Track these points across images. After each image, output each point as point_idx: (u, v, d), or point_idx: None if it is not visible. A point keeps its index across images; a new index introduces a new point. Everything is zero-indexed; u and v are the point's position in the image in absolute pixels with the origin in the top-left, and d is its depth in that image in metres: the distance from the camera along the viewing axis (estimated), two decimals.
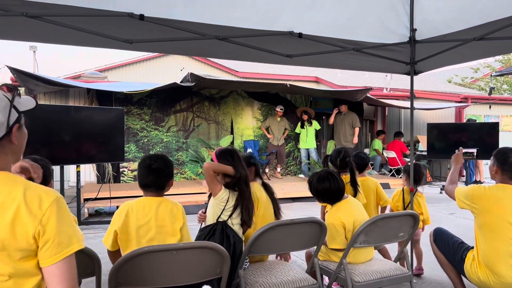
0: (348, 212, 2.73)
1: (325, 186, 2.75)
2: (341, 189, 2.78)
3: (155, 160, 2.25)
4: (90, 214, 6.69)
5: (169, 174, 2.27)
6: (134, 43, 2.82)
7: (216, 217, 2.47)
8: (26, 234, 1.18)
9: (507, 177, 2.66)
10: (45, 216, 1.20)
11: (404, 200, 3.76)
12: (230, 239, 2.36)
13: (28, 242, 1.19)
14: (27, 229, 1.18)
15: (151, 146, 9.16)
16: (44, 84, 7.30)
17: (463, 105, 12.18)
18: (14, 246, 1.18)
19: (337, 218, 2.70)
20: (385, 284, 2.67)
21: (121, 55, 44.44)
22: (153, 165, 2.22)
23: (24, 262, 1.20)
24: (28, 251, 1.20)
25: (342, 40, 3.26)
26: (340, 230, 2.68)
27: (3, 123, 1.22)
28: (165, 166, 2.26)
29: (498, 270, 2.58)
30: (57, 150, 4.97)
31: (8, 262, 1.18)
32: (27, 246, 1.19)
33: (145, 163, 2.25)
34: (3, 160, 1.25)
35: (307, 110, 10.04)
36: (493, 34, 2.91)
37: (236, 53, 3.41)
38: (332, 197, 2.79)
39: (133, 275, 1.81)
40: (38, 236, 1.19)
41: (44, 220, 1.20)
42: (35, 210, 1.19)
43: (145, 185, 2.23)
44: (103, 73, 12.68)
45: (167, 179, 2.27)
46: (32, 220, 1.18)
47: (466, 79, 21.02)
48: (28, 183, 1.25)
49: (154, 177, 2.21)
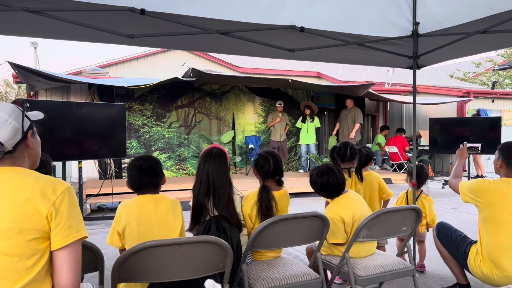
0: (347, 206, 2.72)
1: (324, 180, 2.74)
2: (340, 184, 2.75)
3: (144, 160, 2.26)
4: (93, 210, 6.71)
5: (160, 171, 2.29)
6: (135, 38, 2.81)
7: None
8: (39, 215, 1.30)
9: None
10: (58, 199, 1.34)
11: (408, 202, 3.74)
12: (226, 232, 2.33)
13: (41, 223, 1.30)
14: (40, 210, 1.30)
15: (153, 142, 9.16)
16: (45, 80, 7.30)
17: (465, 100, 12.13)
18: (27, 226, 1.28)
19: (336, 212, 2.69)
20: (387, 278, 2.67)
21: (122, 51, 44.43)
22: (144, 165, 2.23)
23: (36, 244, 1.30)
24: (40, 232, 1.31)
25: (344, 34, 3.24)
26: (339, 224, 2.67)
27: (19, 129, 1.41)
28: (155, 163, 2.28)
29: (502, 264, 2.58)
30: (59, 146, 4.96)
31: (21, 243, 1.28)
32: (40, 227, 1.30)
33: (135, 165, 2.25)
34: (21, 162, 1.43)
35: (310, 105, 10.02)
36: (496, 27, 2.89)
37: (237, 48, 3.40)
38: (330, 192, 2.77)
39: (136, 269, 1.81)
40: (51, 217, 1.32)
41: (57, 203, 1.33)
42: (49, 194, 1.33)
43: (141, 186, 2.22)
44: (104, 69, 12.66)
45: (159, 177, 2.28)
46: (46, 203, 1.31)
47: (468, 74, 20.93)
48: (41, 174, 1.39)
49: (148, 176, 2.22)
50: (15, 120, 1.40)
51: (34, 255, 1.30)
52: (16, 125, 1.39)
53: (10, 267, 1.26)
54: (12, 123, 1.39)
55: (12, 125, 1.39)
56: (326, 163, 2.88)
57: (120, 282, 1.83)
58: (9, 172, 1.36)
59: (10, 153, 1.39)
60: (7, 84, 25.37)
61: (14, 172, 1.37)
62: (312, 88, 10.33)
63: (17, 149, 1.41)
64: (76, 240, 1.34)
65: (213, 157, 2.44)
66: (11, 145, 1.38)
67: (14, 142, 1.39)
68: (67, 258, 1.33)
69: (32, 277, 1.29)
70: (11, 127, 1.38)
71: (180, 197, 6.90)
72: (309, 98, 10.71)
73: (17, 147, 1.41)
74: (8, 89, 25.55)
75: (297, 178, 8.98)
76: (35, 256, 1.30)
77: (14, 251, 1.27)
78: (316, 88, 10.20)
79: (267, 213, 2.53)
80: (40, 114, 1.54)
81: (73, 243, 1.34)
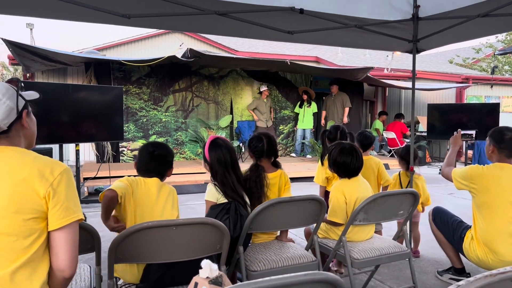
0: (353, 188, 2.72)
1: (347, 160, 2.72)
2: (359, 168, 2.75)
3: (158, 147, 2.25)
4: (90, 193, 6.71)
5: (170, 162, 2.28)
6: (132, 18, 2.77)
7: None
8: (36, 195, 1.30)
9: (504, 155, 2.65)
10: (56, 180, 1.34)
11: (401, 183, 3.76)
12: (243, 220, 2.33)
13: (38, 203, 1.30)
14: (37, 191, 1.30)
15: (150, 126, 9.12)
16: (41, 60, 7.19)
17: (464, 86, 12.10)
18: (25, 206, 1.29)
19: (341, 191, 2.70)
20: (384, 261, 2.68)
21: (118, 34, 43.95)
22: (156, 152, 2.22)
23: (33, 224, 1.30)
24: (38, 212, 1.31)
25: (344, 16, 3.20)
26: (342, 204, 2.68)
27: (13, 108, 1.39)
28: (167, 153, 2.27)
29: (497, 249, 2.60)
30: (56, 129, 4.93)
31: (19, 222, 1.28)
32: (37, 207, 1.30)
33: (147, 149, 2.23)
34: (17, 142, 1.42)
35: (308, 90, 9.98)
36: (497, 10, 2.86)
37: (236, 30, 3.35)
38: (348, 172, 2.75)
39: (133, 250, 1.81)
40: (49, 197, 1.32)
41: (55, 184, 1.33)
42: (47, 175, 1.33)
43: (146, 171, 2.21)
44: (101, 51, 12.54)
45: (167, 168, 2.27)
46: (44, 183, 1.31)
47: (467, 60, 20.84)
48: (38, 155, 1.39)
49: (156, 163, 2.21)
50: (9, 100, 1.38)
51: (31, 235, 1.30)
52: (10, 104, 1.38)
53: (7, 246, 1.26)
54: (6, 103, 1.37)
55: (6, 104, 1.37)
56: (350, 142, 2.86)
57: (116, 262, 1.83)
58: (6, 151, 1.35)
59: (5, 133, 1.38)
60: (3, 67, 25.14)
61: (12, 152, 1.35)
62: (311, 72, 10.25)
63: (12, 129, 1.39)
64: (73, 221, 1.35)
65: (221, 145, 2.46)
66: (6, 124, 1.37)
67: (8, 122, 1.37)
68: (64, 239, 1.33)
69: (29, 256, 1.29)
70: (5, 107, 1.36)
71: (178, 181, 6.93)
72: (308, 83, 10.65)
73: (12, 127, 1.39)
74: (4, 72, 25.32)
75: (295, 163, 8.99)
76: (32, 236, 1.30)
77: (11, 230, 1.27)
78: (314, 71, 10.11)
79: (257, 191, 2.52)
80: (35, 94, 1.53)
81: (70, 224, 1.34)
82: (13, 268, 1.27)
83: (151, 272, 1.98)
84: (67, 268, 1.34)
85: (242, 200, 2.42)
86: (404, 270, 3.38)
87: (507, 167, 2.62)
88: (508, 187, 2.58)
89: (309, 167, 8.39)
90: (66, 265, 1.33)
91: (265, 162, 2.72)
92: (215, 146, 2.45)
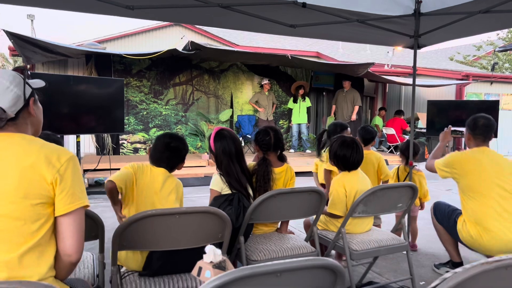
0: (353, 181, 2.75)
1: (347, 153, 2.74)
2: (359, 161, 2.78)
3: (174, 139, 2.26)
4: (90, 184, 6.74)
5: (182, 157, 2.29)
6: (135, 9, 2.78)
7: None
8: (44, 181, 1.32)
9: (480, 140, 2.82)
10: (62, 166, 1.36)
11: (399, 178, 3.80)
12: (246, 211, 2.35)
13: (45, 188, 1.33)
14: (45, 176, 1.32)
15: (150, 119, 9.14)
16: (42, 51, 7.18)
17: (464, 83, 12.11)
18: (33, 191, 1.30)
19: (341, 184, 2.73)
20: (382, 253, 2.72)
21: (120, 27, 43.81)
22: (172, 144, 2.23)
23: (41, 209, 1.33)
24: (45, 197, 1.33)
25: (346, 11, 3.21)
26: (342, 197, 2.71)
27: (20, 96, 1.41)
28: (183, 148, 2.28)
29: (489, 226, 2.68)
30: (56, 120, 4.95)
31: (27, 207, 1.30)
32: (45, 192, 1.33)
33: (163, 140, 2.25)
34: (24, 130, 1.43)
35: (303, 84, 9.94)
36: (499, 7, 2.88)
37: (238, 23, 3.37)
38: (348, 165, 2.78)
39: (136, 238, 1.84)
40: (56, 183, 1.34)
41: (62, 170, 1.35)
42: (54, 161, 1.35)
43: (158, 160, 2.23)
44: (102, 44, 12.51)
45: (179, 161, 2.29)
46: (51, 169, 1.33)
47: (468, 57, 20.84)
48: (45, 142, 1.41)
49: (169, 155, 2.23)
50: (16, 87, 1.39)
51: (38, 220, 1.32)
52: (17, 92, 1.39)
53: (15, 230, 1.29)
54: (14, 90, 1.38)
55: (14, 92, 1.38)
56: (351, 136, 2.89)
57: (120, 249, 1.86)
58: (14, 138, 1.37)
59: (13, 120, 1.39)
60: (4, 58, 25.07)
61: (19, 138, 1.37)
62: (311, 66, 10.24)
63: (20, 117, 1.41)
64: (79, 207, 1.37)
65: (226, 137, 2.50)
66: (13, 112, 1.38)
67: (16, 109, 1.39)
68: (71, 225, 1.36)
69: (36, 240, 1.32)
70: (13, 94, 1.38)
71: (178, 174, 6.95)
72: (308, 78, 10.65)
73: (19, 115, 1.41)
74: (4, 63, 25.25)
75: (294, 158, 9.02)
76: (39, 221, 1.32)
77: (19, 214, 1.29)
78: (315, 66, 10.11)
79: (264, 185, 2.55)
80: (42, 82, 1.54)
81: (76, 210, 1.36)
82: (21, 252, 1.29)
83: (153, 260, 2.01)
84: (74, 252, 1.36)
85: (246, 192, 2.45)
86: (401, 263, 3.42)
87: (485, 149, 2.79)
88: (489, 166, 2.71)
89: (309, 161, 8.42)
90: (72, 250, 1.36)
91: (272, 155, 2.73)
92: (220, 137, 2.48)
